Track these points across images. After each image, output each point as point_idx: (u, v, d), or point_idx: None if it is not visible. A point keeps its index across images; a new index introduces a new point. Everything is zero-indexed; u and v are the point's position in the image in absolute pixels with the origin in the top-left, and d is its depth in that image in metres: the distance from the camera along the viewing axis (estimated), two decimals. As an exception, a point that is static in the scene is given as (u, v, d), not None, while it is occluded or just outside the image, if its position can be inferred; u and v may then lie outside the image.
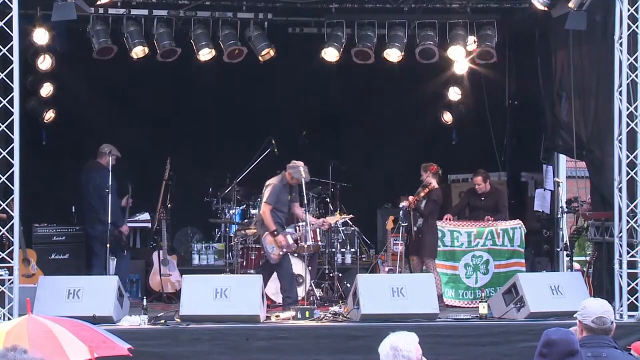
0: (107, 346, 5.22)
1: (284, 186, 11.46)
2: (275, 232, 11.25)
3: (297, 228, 11.82)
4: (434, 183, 11.82)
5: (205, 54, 12.59)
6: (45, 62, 12.65)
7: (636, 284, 10.15)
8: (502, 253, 12.15)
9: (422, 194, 11.74)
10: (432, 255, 11.74)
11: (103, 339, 5.28)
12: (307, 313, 10.31)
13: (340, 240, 13.43)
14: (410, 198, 11.72)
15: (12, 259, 9.61)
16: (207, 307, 10.00)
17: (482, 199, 12.81)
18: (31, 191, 11.48)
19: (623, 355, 5.29)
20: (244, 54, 12.65)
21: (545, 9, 11.07)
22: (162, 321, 10.00)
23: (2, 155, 9.64)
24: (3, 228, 9.74)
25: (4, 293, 9.53)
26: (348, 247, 13.83)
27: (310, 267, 11.63)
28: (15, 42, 9.58)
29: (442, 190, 12.12)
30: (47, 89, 13.49)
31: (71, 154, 14.29)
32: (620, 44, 10.24)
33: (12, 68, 9.58)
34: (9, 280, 9.57)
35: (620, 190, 10.30)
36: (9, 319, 9.11)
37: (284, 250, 11.29)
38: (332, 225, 12.48)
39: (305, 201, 11.34)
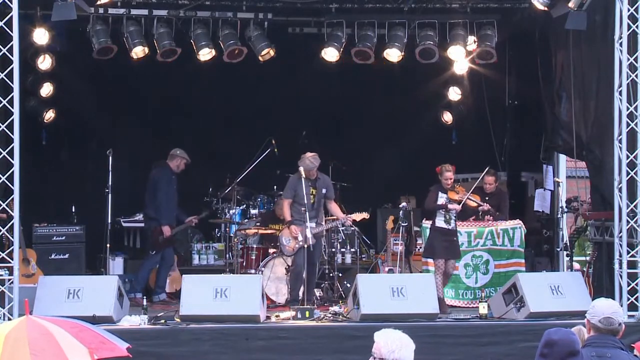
0: (107, 347, 5.20)
1: (298, 180, 11.37)
2: (289, 223, 11.22)
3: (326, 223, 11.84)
4: None
5: (205, 54, 12.58)
6: (45, 62, 12.65)
7: (636, 284, 10.16)
8: (502, 253, 12.14)
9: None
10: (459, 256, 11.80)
11: (103, 340, 5.27)
12: (307, 313, 10.31)
13: (340, 240, 13.41)
14: (486, 206, 11.80)
15: (12, 259, 9.61)
16: (207, 307, 10.00)
17: (487, 198, 12.80)
18: (31, 191, 11.47)
19: (629, 357, 5.26)
20: (244, 54, 12.65)
21: (545, 9, 11.07)
22: (162, 321, 10.00)
23: (2, 155, 9.64)
24: (3, 228, 9.74)
25: (4, 293, 9.53)
26: (348, 247, 13.81)
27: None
28: (15, 42, 9.58)
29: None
30: (47, 89, 13.49)
31: (71, 154, 14.32)
32: (620, 44, 10.24)
33: (12, 68, 9.58)
34: (9, 280, 9.57)
35: (620, 190, 10.30)
36: (9, 319, 9.12)
37: (300, 243, 11.16)
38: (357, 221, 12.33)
39: (306, 200, 11.30)
